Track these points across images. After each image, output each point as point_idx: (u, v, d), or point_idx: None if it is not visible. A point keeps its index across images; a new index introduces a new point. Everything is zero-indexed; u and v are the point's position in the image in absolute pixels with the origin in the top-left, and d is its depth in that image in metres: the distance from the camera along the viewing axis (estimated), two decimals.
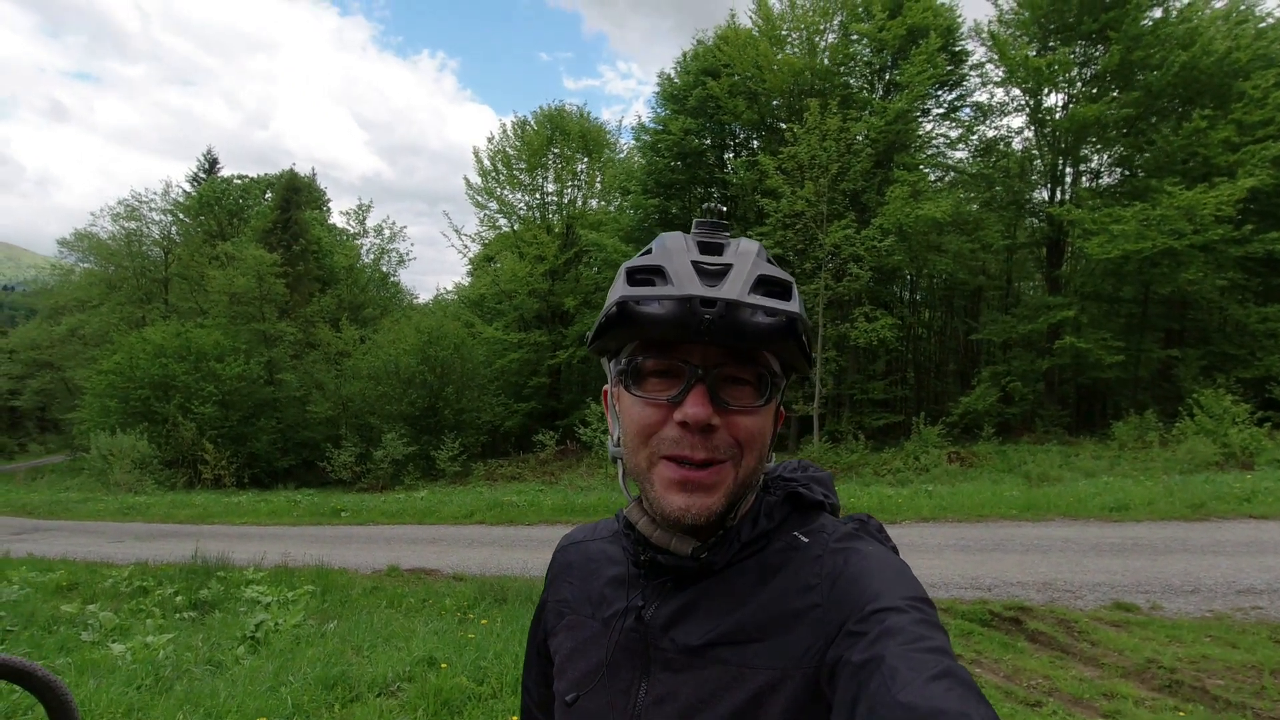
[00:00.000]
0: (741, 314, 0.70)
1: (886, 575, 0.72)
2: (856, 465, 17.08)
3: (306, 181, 36.44)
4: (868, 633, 0.66)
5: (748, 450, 0.74)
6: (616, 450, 0.80)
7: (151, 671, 4.34)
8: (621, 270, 0.75)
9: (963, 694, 0.58)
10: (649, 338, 0.73)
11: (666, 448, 0.73)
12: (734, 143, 25.66)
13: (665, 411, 0.73)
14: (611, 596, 0.83)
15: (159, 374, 23.43)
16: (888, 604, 0.68)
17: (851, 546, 0.77)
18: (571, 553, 0.94)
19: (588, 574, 0.89)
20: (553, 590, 0.93)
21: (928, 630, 0.65)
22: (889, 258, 18.87)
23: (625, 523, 0.83)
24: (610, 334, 0.75)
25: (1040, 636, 5.37)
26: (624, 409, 0.77)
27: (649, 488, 0.75)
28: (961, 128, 22.61)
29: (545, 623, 0.93)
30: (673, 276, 0.72)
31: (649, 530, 0.78)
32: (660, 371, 0.74)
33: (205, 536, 10.63)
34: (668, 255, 0.74)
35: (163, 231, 35.45)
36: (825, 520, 0.82)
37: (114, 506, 16.33)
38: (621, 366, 0.77)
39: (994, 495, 11.60)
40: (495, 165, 30.00)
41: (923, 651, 0.62)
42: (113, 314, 32.97)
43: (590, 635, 0.83)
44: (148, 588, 7.28)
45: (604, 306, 0.76)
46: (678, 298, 0.70)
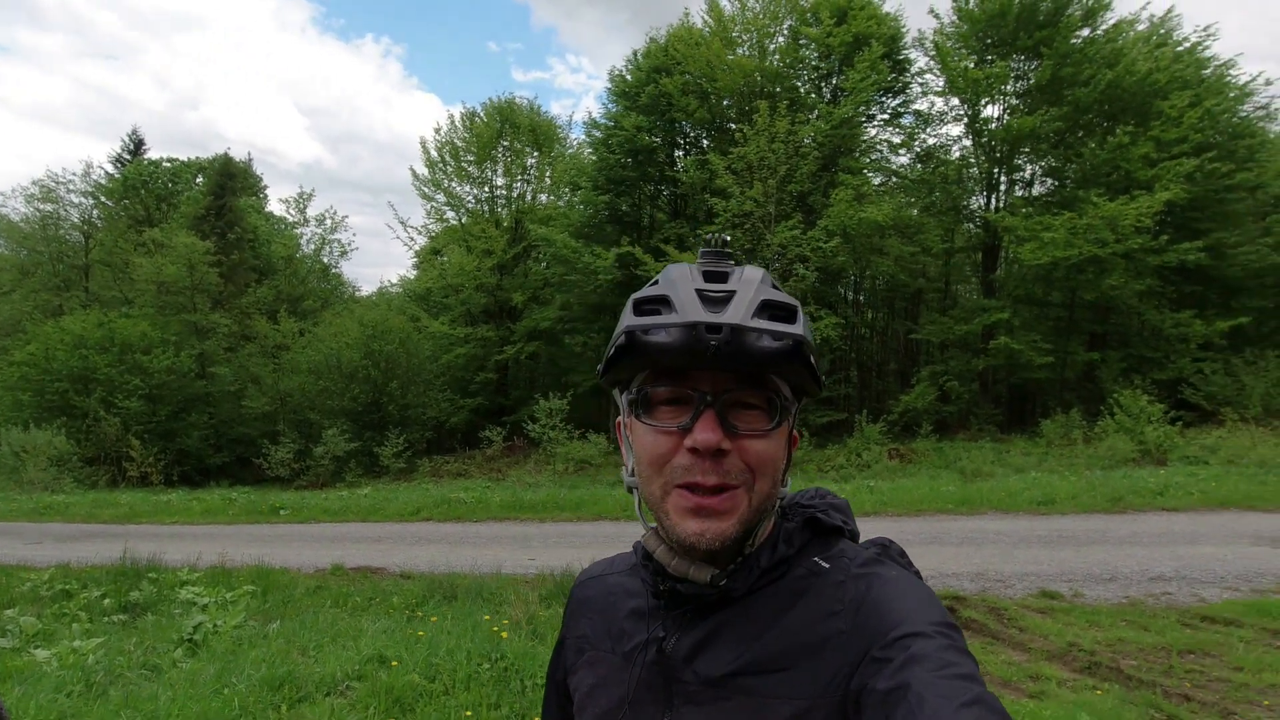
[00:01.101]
0: (747, 338, 0.70)
1: (911, 600, 0.72)
2: (800, 461, 17.48)
3: (242, 167, 35.02)
4: (893, 659, 0.65)
5: (760, 475, 0.74)
6: (631, 480, 0.80)
7: (82, 677, 4.14)
8: (629, 302, 0.77)
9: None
10: (658, 366, 0.74)
11: (679, 475, 0.73)
12: (685, 141, 25.84)
13: (676, 439, 0.73)
14: (631, 630, 0.83)
15: (78, 366, 22.18)
16: (913, 629, 0.67)
17: (874, 571, 0.76)
18: (590, 588, 0.94)
19: (607, 608, 0.88)
20: (571, 626, 0.92)
21: (955, 656, 0.64)
22: (834, 259, 19.35)
23: (643, 553, 0.83)
24: (620, 365, 0.76)
25: (973, 624, 5.63)
26: (636, 438, 0.78)
27: (664, 516, 0.75)
28: (903, 134, 23.38)
29: (565, 660, 0.92)
30: (678, 305, 0.73)
31: (667, 559, 0.78)
32: (670, 400, 0.75)
33: (133, 537, 10.14)
34: (672, 285, 0.75)
35: (83, 215, 33.41)
36: (845, 545, 0.82)
37: (28, 506, 15.40)
38: (632, 396, 0.78)
39: (932, 490, 12.05)
40: (443, 157, 29.43)
41: (951, 678, 0.61)
42: (25, 301, 30.99)
43: (611, 670, 0.82)
44: (71, 591, 6.92)
45: (612, 338, 0.77)
46: (683, 324, 0.71)
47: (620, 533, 10.10)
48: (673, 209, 26.12)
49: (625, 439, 0.82)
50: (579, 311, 25.82)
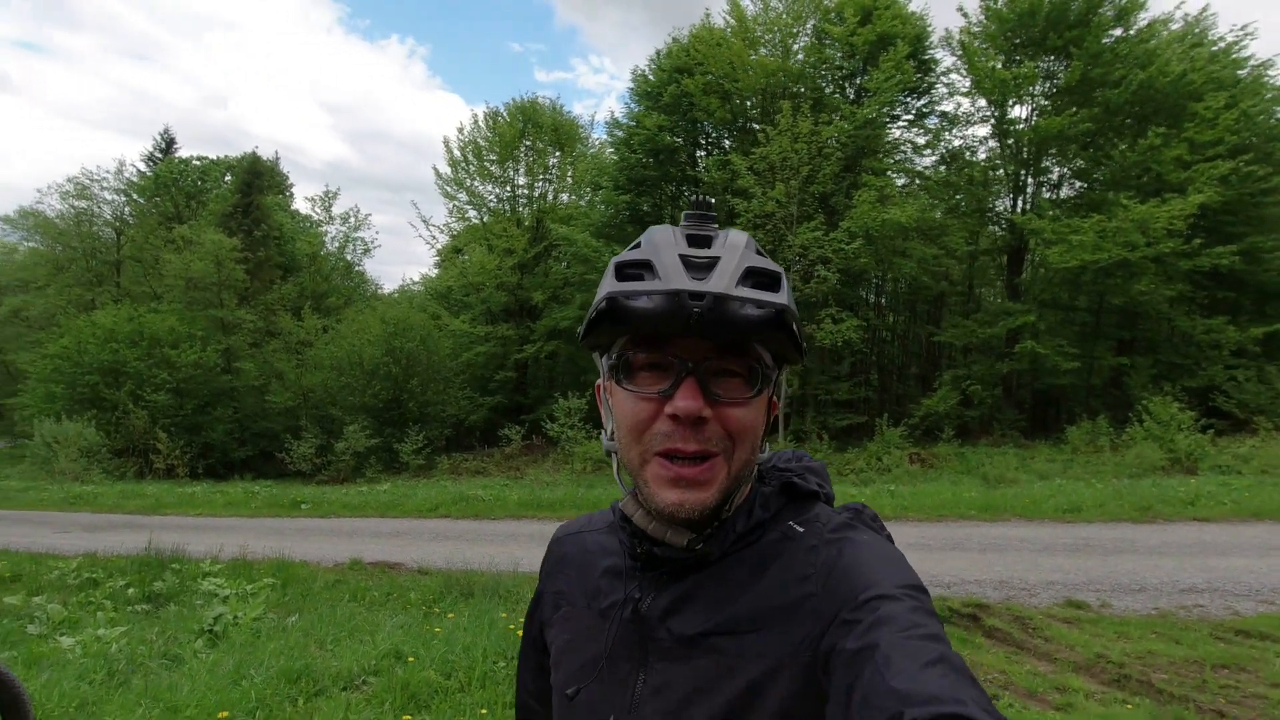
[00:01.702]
0: (730, 307, 0.70)
1: (881, 564, 0.73)
2: None
3: (269, 165, 35.56)
4: (862, 621, 0.66)
5: (739, 442, 0.74)
6: (611, 444, 0.80)
7: (105, 665, 4.20)
8: (611, 265, 0.76)
9: (956, 680, 0.59)
10: (639, 332, 0.74)
11: (659, 442, 0.73)
12: (706, 141, 25.75)
13: (657, 405, 0.73)
14: (608, 588, 0.84)
15: (109, 359, 22.62)
16: (882, 592, 0.68)
17: (846, 536, 0.77)
18: (567, 544, 0.94)
19: (584, 566, 0.89)
20: (549, 582, 0.93)
21: (922, 618, 0.66)
22: (856, 260, 19.17)
23: (621, 516, 0.83)
24: (600, 329, 0.76)
25: (997, 633, 5.53)
26: (616, 403, 0.77)
27: (643, 483, 0.76)
28: (928, 135, 23.08)
29: (541, 614, 0.93)
30: (661, 270, 0.72)
31: (645, 523, 0.78)
32: (651, 365, 0.74)
33: (158, 528, 10.31)
34: (655, 249, 0.74)
35: (115, 212, 34.17)
36: (820, 510, 0.83)
37: (59, 496, 15.73)
38: (613, 361, 0.77)
39: (953, 496, 11.87)
40: (465, 156, 29.62)
41: (917, 639, 0.63)
42: (60, 296, 31.71)
43: (586, 627, 0.83)
44: (98, 580, 7.05)
45: (594, 301, 0.76)
46: (666, 292, 0.70)
47: None
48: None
49: (605, 402, 0.82)
50: None
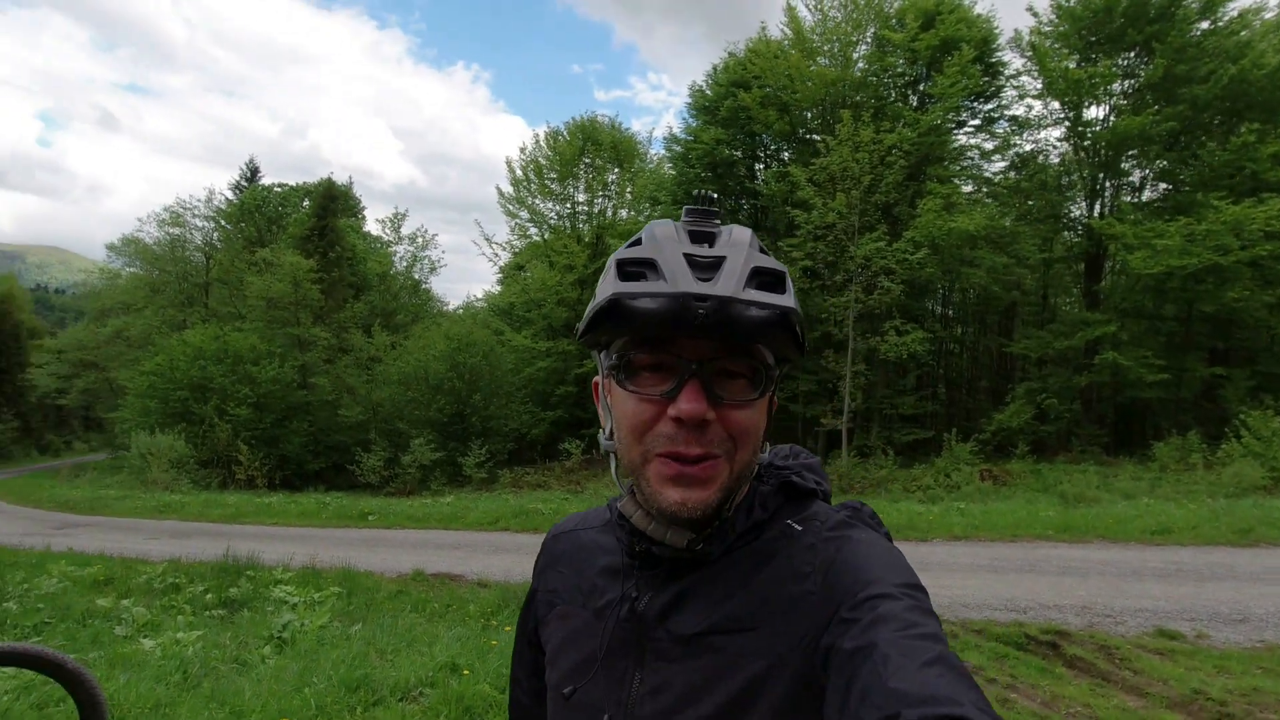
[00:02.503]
0: (735, 309, 0.68)
1: (879, 562, 0.72)
2: (885, 481, 16.80)
3: (343, 190, 37.18)
4: (860, 620, 0.66)
5: (741, 444, 0.73)
6: (609, 443, 0.79)
7: (180, 668, 4.39)
8: (611, 262, 0.74)
9: (954, 680, 0.58)
10: (642, 334, 0.72)
11: (661, 444, 0.72)
12: (765, 154, 25.59)
13: (659, 407, 0.72)
14: (604, 586, 0.83)
15: (197, 376, 24.00)
16: (880, 591, 0.68)
17: (844, 534, 0.77)
18: (562, 542, 0.94)
19: (579, 564, 0.88)
20: (543, 580, 0.93)
21: (920, 617, 0.65)
22: (921, 271, 18.62)
23: (619, 515, 0.82)
24: (601, 328, 0.74)
25: (1079, 662, 5.19)
26: (616, 403, 0.76)
27: (644, 482, 0.74)
28: (997, 140, 22.29)
29: (535, 613, 0.92)
30: (665, 270, 0.70)
31: (643, 522, 0.77)
32: (653, 366, 0.73)
33: (236, 536, 10.80)
34: (658, 247, 0.72)
35: (205, 237, 36.43)
36: (818, 508, 0.82)
37: (150, 504, 16.71)
38: (614, 361, 0.75)
39: (1029, 515, 11.30)
40: (527, 175, 30.36)
41: (915, 638, 0.62)
42: (155, 317, 33.88)
43: (582, 625, 0.83)
44: (180, 584, 7.41)
45: (594, 299, 0.74)
46: (671, 294, 0.68)
47: None
48: (753, 222, 25.87)
49: (604, 401, 0.81)
50: None
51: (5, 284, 51.82)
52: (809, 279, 20.27)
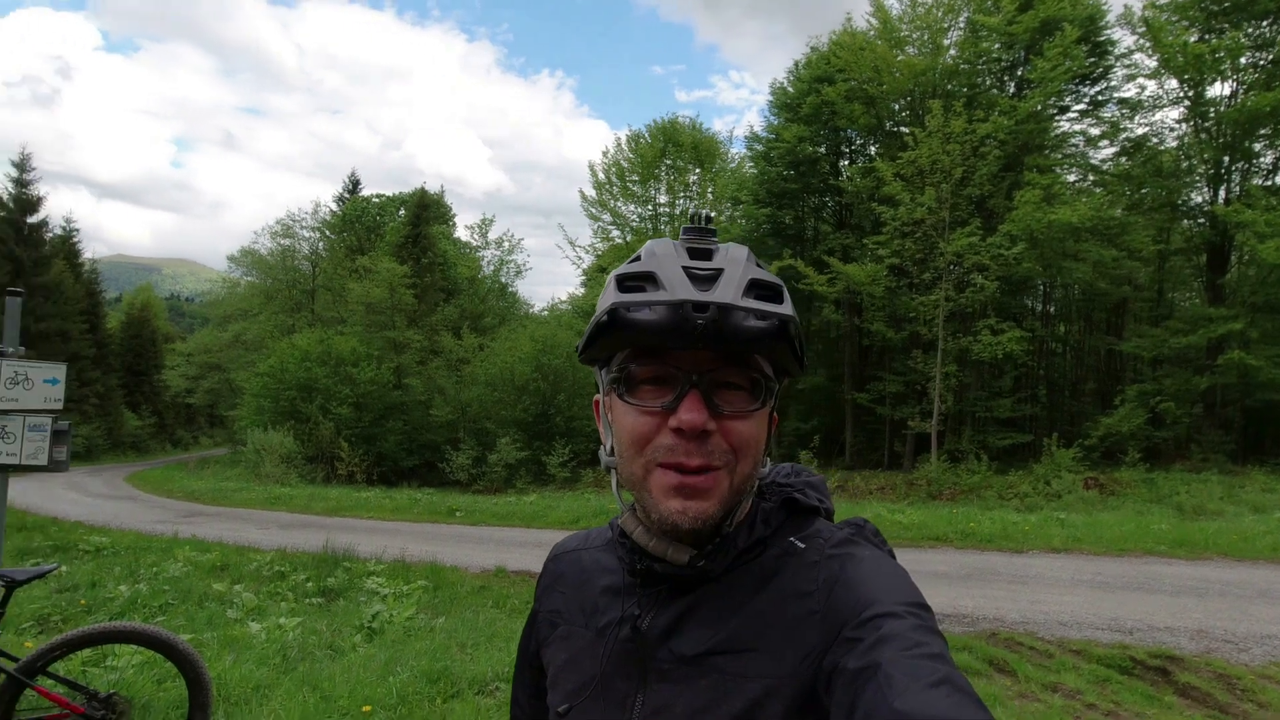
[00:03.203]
0: (734, 318, 0.69)
1: (884, 581, 0.71)
2: (978, 487, 16.00)
3: (435, 198, 38.81)
4: (864, 639, 0.65)
5: (742, 456, 0.73)
6: (610, 460, 0.78)
7: (280, 651, 4.72)
8: (611, 278, 0.74)
9: (960, 701, 0.57)
10: (641, 344, 0.72)
11: (662, 455, 0.72)
12: (850, 149, 24.92)
13: (659, 419, 0.72)
14: (605, 606, 0.83)
15: (304, 377, 25.64)
16: (885, 610, 0.67)
17: (848, 552, 0.76)
18: (563, 562, 0.94)
19: (580, 583, 0.88)
20: (545, 601, 0.92)
21: (925, 636, 0.64)
22: (1018, 266, 17.62)
23: (620, 531, 0.82)
24: (601, 342, 0.74)
25: (1193, 691, 4.79)
26: (617, 417, 0.76)
27: (645, 496, 0.74)
28: (1104, 125, 20.78)
29: (537, 634, 0.92)
30: (664, 282, 0.71)
31: (645, 539, 0.77)
32: (653, 378, 0.73)
33: (336, 528, 11.49)
34: (657, 261, 0.73)
35: (311, 247, 38.96)
36: (821, 525, 0.81)
37: (263, 496, 17.98)
38: (613, 374, 0.76)
39: (1139, 528, 10.50)
40: (609, 178, 30.75)
41: (920, 658, 0.61)
42: (269, 322, 36.44)
43: (584, 646, 0.82)
44: (285, 573, 7.94)
45: (594, 315, 0.75)
46: (670, 303, 0.69)
47: None
48: (837, 219, 25.24)
49: (604, 417, 0.81)
50: None
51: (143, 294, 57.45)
52: (896, 277, 19.57)
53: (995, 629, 6.24)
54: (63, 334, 33.28)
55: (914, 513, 12.90)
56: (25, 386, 3.32)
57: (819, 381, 24.57)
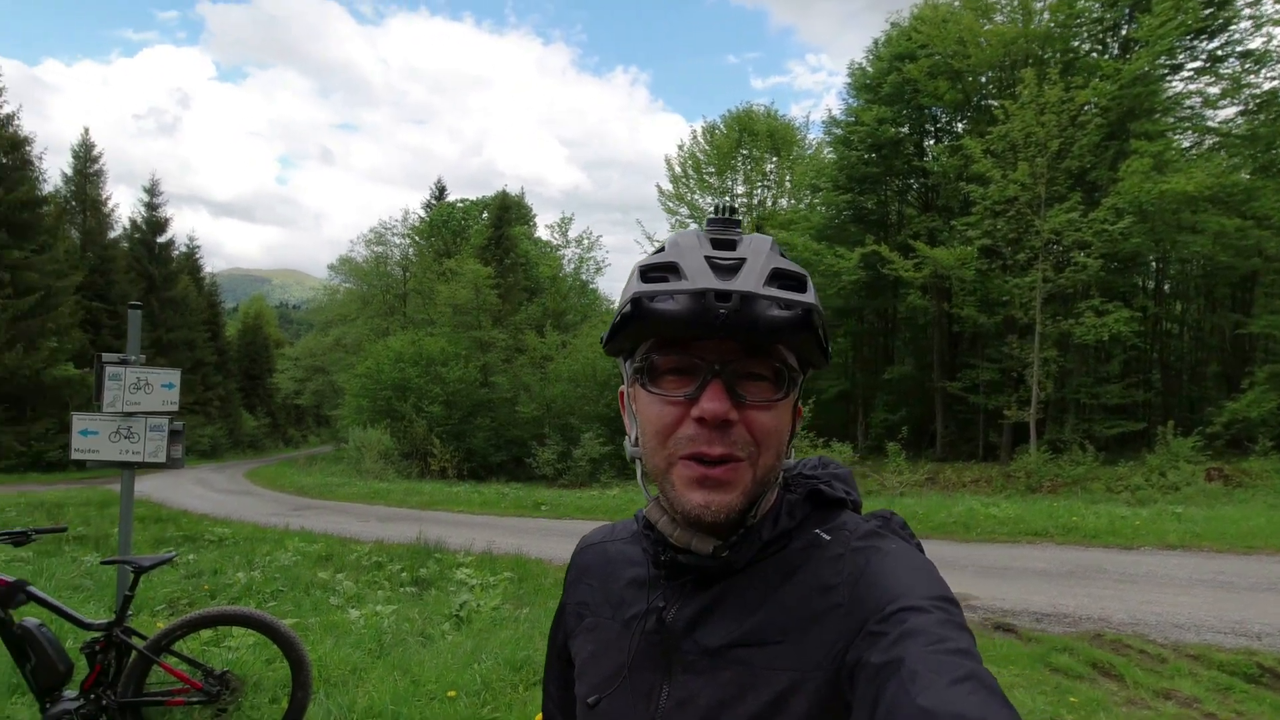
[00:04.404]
0: (757, 307, 0.68)
1: (909, 574, 0.70)
2: (1083, 479, 15.02)
3: (516, 200, 39.82)
4: (888, 633, 0.64)
5: (765, 447, 0.72)
6: (635, 450, 0.79)
7: (375, 637, 5.01)
8: (635, 268, 0.75)
9: (985, 698, 0.56)
10: (664, 335, 0.72)
11: (684, 446, 0.72)
12: (934, 128, 23.88)
13: (683, 409, 0.72)
14: (631, 598, 0.83)
15: (398, 377, 26.94)
16: (910, 604, 0.66)
17: (873, 544, 0.75)
18: (590, 555, 0.94)
19: (607, 576, 0.88)
20: (572, 593, 0.93)
21: (951, 631, 0.63)
22: (1125, 242, 16.41)
23: (645, 523, 0.83)
24: (625, 332, 0.75)
25: None
26: (641, 408, 0.76)
27: (668, 487, 0.74)
28: (1225, 82, 18.97)
29: (565, 625, 0.93)
30: (687, 272, 0.71)
31: (669, 530, 0.77)
32: (676, 369, 0.73)
33: (428, 521, 12.04)
34: (680, 252, 0.73)
35: (402, 253, 40.87)
36: (847, 517, 0.80)
37: (363, 491, 19.05)
38: (637, 365, 0.76)
39: (1270, 523, 9.59)
40: (685, 171, 30.70)
41: (945, 653, 0.60)
42: (365, 326, 38.50)
43: (611, 637, 0.83)
44: (382, 563, 8.40)
45: (618, 306, 0.75)
46: (692, 292, 0.69)
47: None
48: (923, 202, 24.24)
49: (629, 408, 0.81)
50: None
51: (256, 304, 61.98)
52: (987, 259, 18.61)
53: (1100, 630, 5.88)
54: (189, 343, 36.29)
55: (1010, 506, 12.26)
56: (146, 391, 3.68)
57: (906, 370, 23.71)
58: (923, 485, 16.35)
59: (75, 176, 32.66)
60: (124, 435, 3.65)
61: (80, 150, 33.18)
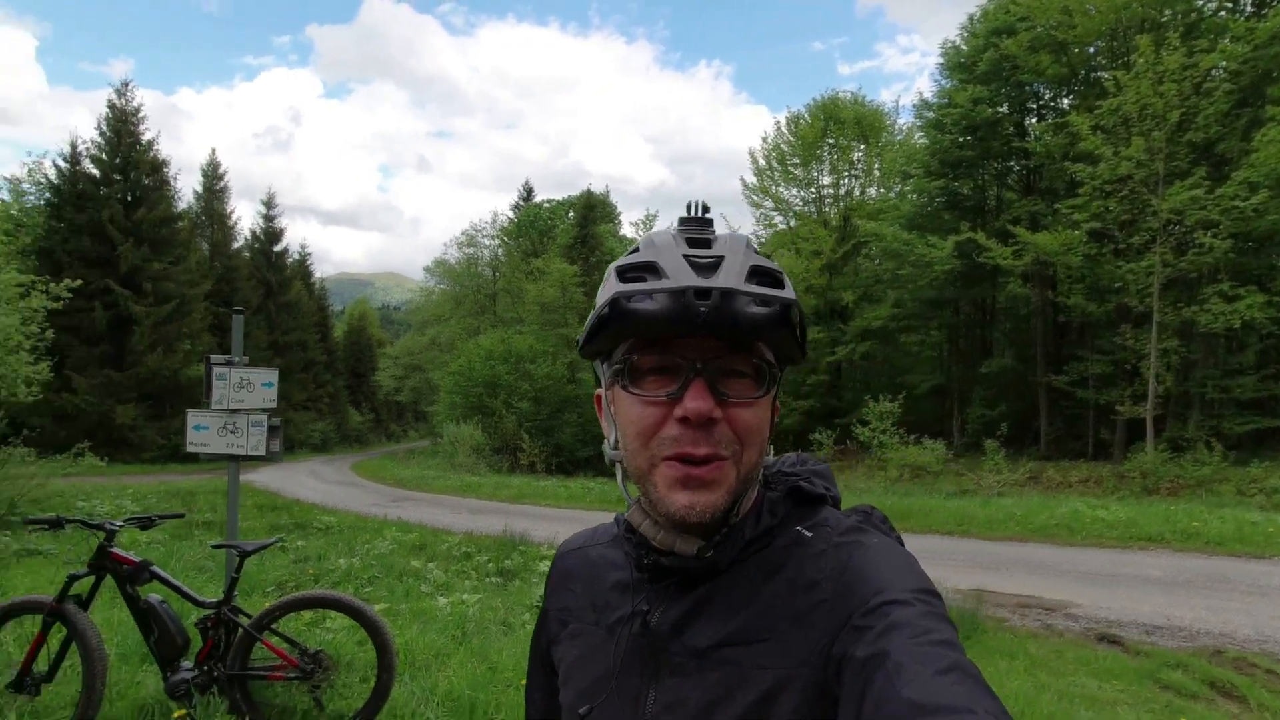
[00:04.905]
0: (737, 303, 0.68)
1: (892, 567, 0.71)
2: (1210, 481, 13.76)
3: (600, 199, 40.41)
4: (873, 627, 0.64)
5: (748, 445, 0.72)
6: (615, 454, 0.78)
7: (459, 624, 5.25)
8: (611, 269, 0.75)
9: (970, 688, 0.57)
10: (644, 335, 0.72)
11: (668, 447, 0.71)
12: (1036, 105, 22.43)
13: (664, 409, 0.71)
14: (615, 602, 0.82)
15: (488, 375, 27.94)
16: (893, 597, 0.66)
17: (855, 540, 0.75)
18: (571, 559, 0.93)
19: (589, 580, 0.88)
20: (554, 599, 0.92)
21: (935, 623, 0.63)
22: (1259, 219, 14.87)
23: (626, 526, 0.82)
24: (604, 334, 0.74)
25: None
26: (621, 410, 0.76)
27: (651, 489, 0.73)
28: None
29: (548, 632, 0.92)
30: (666, 270, 0.70)
31: (652, 533, 0.77)
32: (656, 369, 0.73)
33: (515, 514, 12.44)
34: (657, 251, 0.73)
35: (492, 254, 42.34)
36: (828, 514, 0.80)
37: (456, 484, 19.89)
38: (616, 366, 0.75)
39: None
40: (769, 163, 30.23)
41: (929, 645, 0.60)
42: (458, 325, 40.15)
43: (595, 643, 0.82)
44: (470, 554, 8.75)
45: (595, 308, 0.75)
46: (671, 290, 0.68)
47: (954, 548, 9.17)
48: (1024, 185, 22.84)
49: (607, 412, 0.80)
50: (914, 308, 24.26)
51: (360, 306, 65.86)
52: (1096, 243, 17.34)
53: (1221, 646, 5.41)
54: (301, 344, 38.97)
55: (1120, 509, 11.39)
56: (249, 389, 4.01)
57: (1006, 363, 22.43)
58: (1023, 485, 15.44)
59: (204, 193, 35.73)
60: (230, 430, 4.00)
61: (208, 169, 36.31)
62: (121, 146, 28.15)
